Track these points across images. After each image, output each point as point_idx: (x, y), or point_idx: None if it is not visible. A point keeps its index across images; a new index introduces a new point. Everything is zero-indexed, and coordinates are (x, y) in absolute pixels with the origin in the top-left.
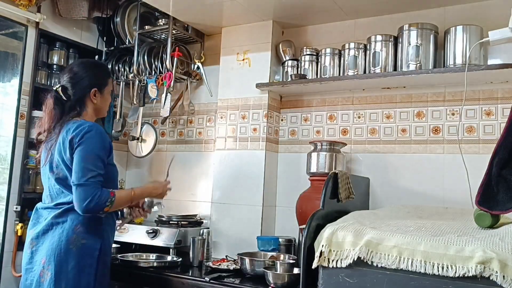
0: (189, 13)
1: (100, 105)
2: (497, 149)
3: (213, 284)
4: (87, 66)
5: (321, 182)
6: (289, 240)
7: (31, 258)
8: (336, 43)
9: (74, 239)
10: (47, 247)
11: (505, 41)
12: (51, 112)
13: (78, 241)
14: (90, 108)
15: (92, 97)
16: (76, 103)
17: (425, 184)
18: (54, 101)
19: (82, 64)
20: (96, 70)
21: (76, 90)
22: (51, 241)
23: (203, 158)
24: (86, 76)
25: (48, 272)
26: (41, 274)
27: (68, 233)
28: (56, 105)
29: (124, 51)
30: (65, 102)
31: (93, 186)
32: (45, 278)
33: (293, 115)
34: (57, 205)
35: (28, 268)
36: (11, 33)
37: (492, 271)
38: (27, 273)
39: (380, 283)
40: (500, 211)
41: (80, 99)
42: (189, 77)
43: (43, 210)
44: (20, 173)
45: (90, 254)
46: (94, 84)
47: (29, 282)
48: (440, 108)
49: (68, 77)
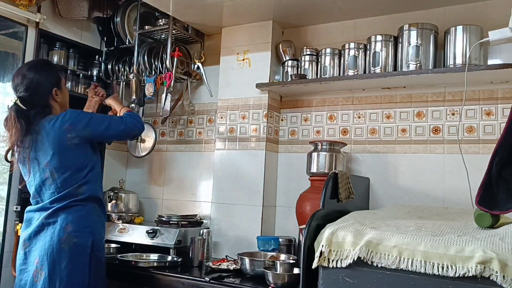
0: (189, 13)
1: (63, 100)
2: (497, 149)
3: (213, 284)
4: (39, 69)
5: (321, 182)
6: (289, 240)
7: (25, 259)
8: (336, 43)
9: (66, 239)
10: (40, 248)
11: (505, 41)
12: (16, 125)
13: (70, 240)
14: (56, 106)
15: (55, 96)
16: (41, 109)
17: (425, 184)
18: (16, 114)
19: (32, 68)
20: (48, 69)
21: (38, 97)
22: (43, 242)
23: (203, 158)
24: (43, 80)
25: (42, 272)
26: (34, 274)
27: (59, 233)
28: (19, 118)
29: (124, 51)
30: (27, 112)
31: None
32: (39, 278)
33: (293, 115)
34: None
35: (22, 269)
36: (11, 33)
37: (492, 271)
38: (21, 274)
39: (380, 283)
40: (500, 211)
41: (44, 104)
42: (189, 77)
43: (33, 212)
44: (20, 173)
45: (82, 252)
46: (52, 85)
47: (23, 283)
48: (440, 108)
49: (24, 87)
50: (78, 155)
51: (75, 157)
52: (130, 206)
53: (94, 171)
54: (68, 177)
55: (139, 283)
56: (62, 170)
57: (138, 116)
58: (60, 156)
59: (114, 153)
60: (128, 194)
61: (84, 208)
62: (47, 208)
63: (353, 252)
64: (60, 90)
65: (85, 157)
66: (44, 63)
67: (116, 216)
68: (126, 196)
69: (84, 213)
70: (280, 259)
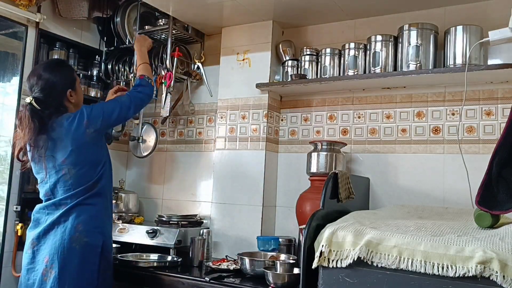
0: (189, 13)
1: (78, 99)
2: (497, 149)
3: (213, 284)
4: (54, 69)
5: (321, 182)
6: (289, 240)
7: (33, 258)
8: (336, 43)
9: (77, 238)
10: (50, 246)
11: (505, 41)
12: (30, 125)
13: (81, 239)
14: (70, 106)
15: (69, 97)
16: (56, 109)
17: (425, 184)
18: (30, 114)
19: (48, 68)
20: (63, 70)
21: (52, 98)
22: (53, 240)
23: (203, 158)
24: (58, 81)
25: (52, 271)
26: (43, 273)
27: (70, 231)
28: (33, 118)
29: (124, 51)
30: (42, 113)
31: None
32: (48, 276)
33: (293, 115)
34: (58, 204)
35: (29, 268)
36: (11, 33)
37: (492, 271)
38: (29, 273)
39: (380, 283)
40: (500, 211)
41: (59, 105)
42: (189, 77)
43: (43, 210)
44: (20, 173)
45: (93, 251)
46: (67, 86)
47: (31, 282)
48: (440, 108)
49: (40, 87)
50: (95, 151)
51: (92, 153)
52: (130, 206)
53: (106, 166)
54: (84, 172)
55: (139, 283)
56: (80, 166)
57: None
58: (79, 152)
59: (114, 153)
60: (128, 194)
61: (94, 208)
62: (58, 205)
63: (353, 252)
64: (74, 91)
65: (100, 152)
66: (59, 63)
67: (116, 216)
68: (126, 196)
69: (95, 213)
70: (280, 259)
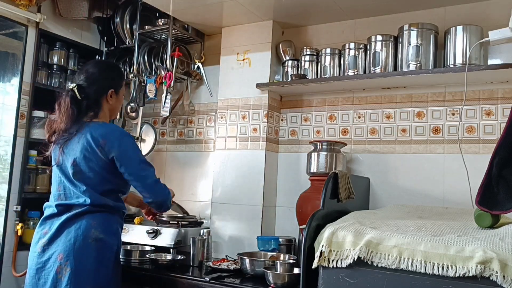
0: (189, 13)
1: (115, 106)
2: (497, 149)
3: (213, 284)
4: (103, 67)
5: (321, 182)
6: (289, 240)
7: (42, 257)
8: (336, 43)
9: (93, 233)
10: (64, 243)
11: (505, 41)
12: (68, 111)
13: (97, 236)
14: (106, 109)
15: (109, 98)
16: (93, 104)
17: (425, 184)
18: (70, 100)
19: (98, 65)
20: (113, 71)
21: (93, 91)
22: (67, 237)
23: (203, 158)
24: (103, 78)
25: (67, 268)
26: (58, 271)
27: (86, 228)
28: (72, 105)
29: (124, 51)
30: (80, 102)
31: (164, 186)
32: (63, 274)
33: (293, 115)
34: (70, 206)
35: (39, 267)
36: (11, 33)
37: (492, 271)
38: (39, 273)
39: (380, 283)
40: (500, 211)
41: (97, 100)
42: (189, 77)
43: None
44: (20, 173)
45: (109, 248)
46: (111, 86)
47: (43, 281)
48: (440, 108)
49: (84, 77)
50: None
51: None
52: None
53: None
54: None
55: (139, 283)
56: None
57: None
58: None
59: None
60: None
61: (109, 215)
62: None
63: (353, 252)
64: (116, 94)
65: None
66: (112, 64)
67: None
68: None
69: (110, 218)
70: (280, 259)
